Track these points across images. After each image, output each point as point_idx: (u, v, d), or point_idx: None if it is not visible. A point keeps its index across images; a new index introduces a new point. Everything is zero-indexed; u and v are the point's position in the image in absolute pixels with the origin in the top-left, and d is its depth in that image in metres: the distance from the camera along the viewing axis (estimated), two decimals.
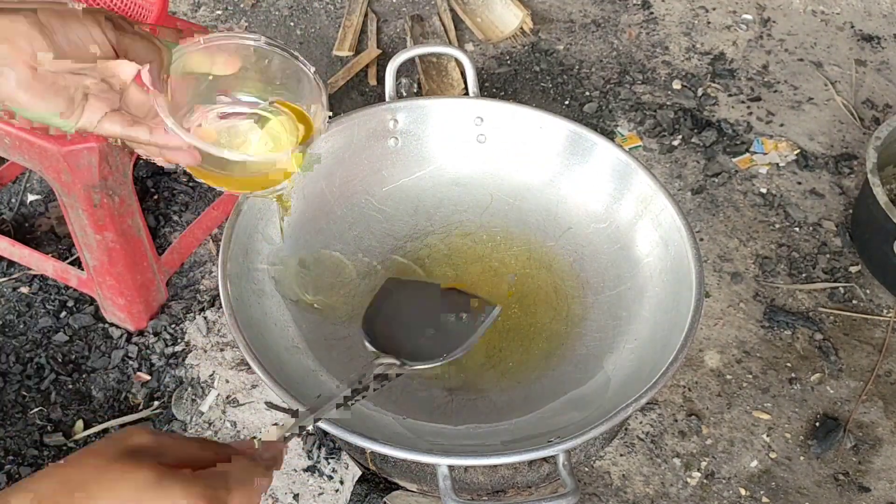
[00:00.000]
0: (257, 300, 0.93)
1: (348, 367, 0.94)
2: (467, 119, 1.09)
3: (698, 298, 0.89)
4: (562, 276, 1.04)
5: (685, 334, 0.86)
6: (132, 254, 1.39)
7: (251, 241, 0.95)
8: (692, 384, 1.48)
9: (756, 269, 1.65)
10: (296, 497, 1.33)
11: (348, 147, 1.05)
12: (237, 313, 0.85)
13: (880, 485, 1.37)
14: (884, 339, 1.55)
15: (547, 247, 1.06)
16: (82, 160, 1.24)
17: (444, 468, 0.77)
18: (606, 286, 1.02)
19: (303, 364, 0.92)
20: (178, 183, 1.72)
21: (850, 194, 1.80)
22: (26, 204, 1.69)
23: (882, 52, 2.12)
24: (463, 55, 1.11)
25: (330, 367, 0.92)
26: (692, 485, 1.36)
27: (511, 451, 0.78)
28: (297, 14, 2.16)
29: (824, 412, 1.45)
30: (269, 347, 0.88)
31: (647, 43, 2.12)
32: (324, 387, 0.90)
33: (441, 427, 0.90)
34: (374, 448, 0.77)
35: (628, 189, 1.03)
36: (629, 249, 1.03)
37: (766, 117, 1.95)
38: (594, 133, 1.06)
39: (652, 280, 0.99)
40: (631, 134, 1.89)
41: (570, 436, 0.79)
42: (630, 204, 1.03)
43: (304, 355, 0.93)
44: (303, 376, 0.90)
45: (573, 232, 1.07)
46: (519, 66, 2.04)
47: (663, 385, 0.83)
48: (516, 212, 1.09)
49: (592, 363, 0.96)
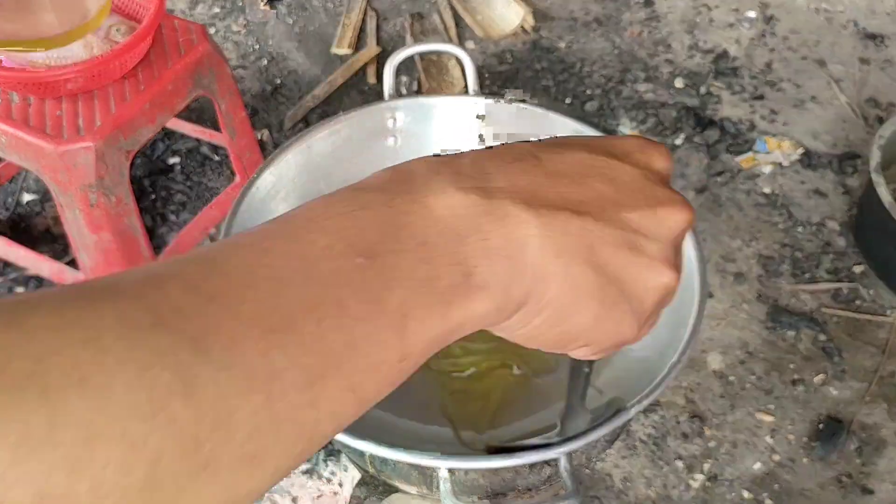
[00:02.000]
0: None
1: None
2: (468, 117, 1.08)
3: (701, 297, 0.88)
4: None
5: (689, 333, 0.85)
6: (129, 254, 1.38)
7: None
8: (695, 386, 1.47)
9: (759, 269, 1.64)
10: (294, 500, 1.32)
11: (347, 147, 1.04)
12: None
13: (884, 487, 1.36)
14: (888, 339, 1.54)
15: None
16: (79, 159, 1.23)
17: (443, 471, 0.77)
18: None
19: None
20: (176, 183, 1.71)
21: (853, 194, 1.78)
22: (22, 204, 1.68)
23: (886, 50, 2.11)
24: (463, 53, 1.10)
25: None
26: (695, 487, 1.35)
27: (512, 455, 0.77)
28: (295, 11, 2.15)
29: (828, 414, 1.44)
30: None
31: (649, 41, 2.11)
32: None
33: (440, 429, 0.89)
34: (373, 451, 0.77)
35: None
36: None
37: (770, 116, 1.94)
38: (596, 131, 1.05)
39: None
40: (633, 132, 1.88)
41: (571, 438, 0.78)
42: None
43: None
44: None
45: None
46: (520, 65, 2.03)
47: (667, 385, 0.81)
48: None
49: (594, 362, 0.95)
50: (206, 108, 1.88)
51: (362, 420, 0.85)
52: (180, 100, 1.36)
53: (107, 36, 1.25)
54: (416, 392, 0.91)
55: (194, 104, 1.88)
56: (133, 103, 1.28)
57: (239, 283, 0.28)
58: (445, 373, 0.97)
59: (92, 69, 1.23)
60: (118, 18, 1.28)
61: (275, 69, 2.00)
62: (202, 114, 1.87)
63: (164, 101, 1.32)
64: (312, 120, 1.86)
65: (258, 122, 1.87)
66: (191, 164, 1.75)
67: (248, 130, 1.57)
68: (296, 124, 1.84)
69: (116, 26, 1.26)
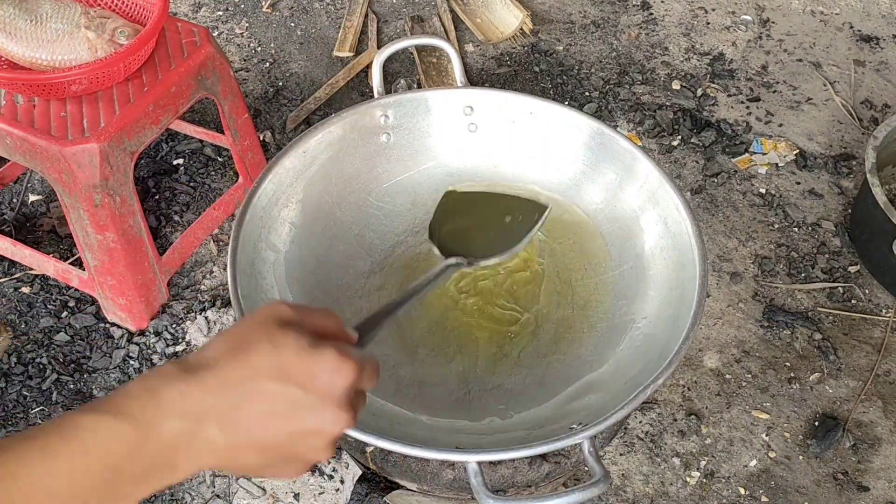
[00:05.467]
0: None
1: None
2: (457, 109, 1.09)
3: (703, 274, 0.89)
4: (563, 261, 1.04)
5: (694, 310, 0.85)
6: (133, 254, 1.39)
7: (256, 251, 0.95)
8: (691, 384, 1.48)
9: (755, 269, 1.66)
10: (296, 496, 1.33)
11: (343, 147, 1.05)
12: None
13: (879, 484, 1.37)
14: (883, 338, 1.56)
15: (546, 232, 1.06)
16: (84, 160, 1.24)
17: (473, 465, 0.76)
18: (609, 267, 1.02)
19: None
20: (179, 183, 1.73)
21: (848, 194, 1.80)
22: (27, 204, 1.69)
23: (881, 52, 2.13)
24: (447, 45, 1.10)
25: None
26: (691, 484, 1.36)
27: (537, 443, 0.77)
28: (297, 15, 2.17)
29: (823, 412, 1.45)
30: None
31: (646, 43, 2.13)
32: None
33: (461, 423, 0.89)
34: (402, 450, 0.76)
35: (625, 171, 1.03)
36: (627, 229, 1.03)
37: (766, 117, 1.96)
38: (590, 117, 1.07)
39: (654, 259, 0.99)
40: (631, 134, 1.90)
41: (592, 422, 0.78)
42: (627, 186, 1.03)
43: None
44: None
45: (570, 216, 1.07)
46: (519, 67, 2.05)
47: (678, 364, 0.81)
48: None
49: (602, 346, 0.96)
50: (209, 110, 1.89)
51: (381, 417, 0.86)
52: (184, 101, 1.37)
53: (111, 38, 1.26)
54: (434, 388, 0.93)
55: (198, 106, 1.90)
56: (137, 105, 1.29)
57: (28, 493, 0.46)
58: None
59: (96, 71, 1.24)
60: (122, 21, 1.29)
61: (277, 71, 2.01)
62: (205, 115, 1.89)
63: (167, 102, 1.34)
64: (314, 121, 1.88)
65: (261, 124, 1.88)
66: (194, 165, 1.77)
67: (250, 132, 1.59)
68: (298, 126, 1.86)
69: (121, 29, 1.27)
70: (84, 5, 1.32)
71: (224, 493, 1.33)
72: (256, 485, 1.34)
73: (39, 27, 1.26)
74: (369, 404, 0.90)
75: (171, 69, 1.34)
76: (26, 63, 1.27)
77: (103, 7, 1.37)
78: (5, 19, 1.26)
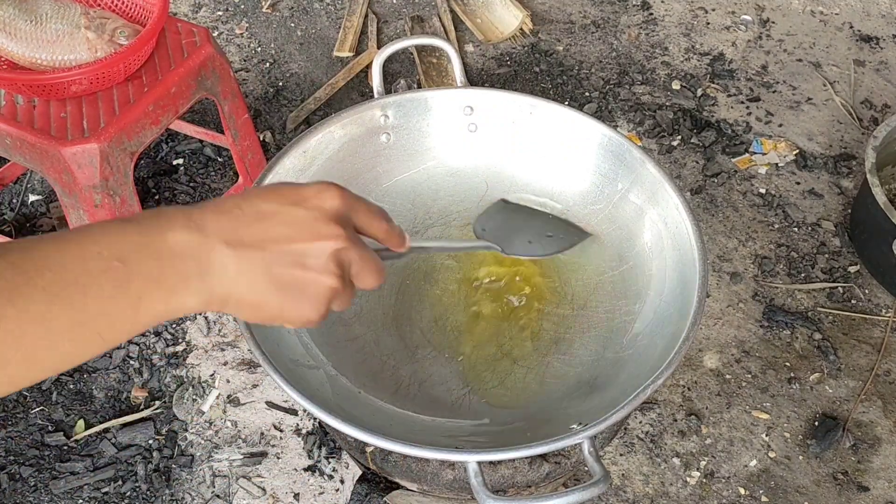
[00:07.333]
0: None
1: (361, 367, 0.94)
2: (457, 109, 1.09)
3: (703, 274, 0.88)
4: (564, 261, 1.04)
5: (693, 310, 0.85)
6: None
7: None
8: (691, 384, 1.48)
9: (755, 269, 1.66)
10: (296, 496, 1.33)
11: (343, 147, 1.05)
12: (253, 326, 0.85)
13: (879, 484, 1.37)
14: (882, 338, 1.56)
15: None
16: (83, 160, 1.24)
17: (473, 465, 0.75)
18: (609, 267, 1.02)
19: (314, 364, 0.92)
20: (179, 183, 1.73)
21: (848, 194, 1.80)
22: (27, 204, 1.69)
23: (881, 52, 2.13)
24: (447, 45, 1.10)
25: (341, 368, 0.92)
26: (692, 484, 1.36)
27: (537, 443, 0.76)
28: (297, 15, 2.17)
29: (823, 412, 1.45)
30: (281, 352, 0.88)
31: (646, 44, 2.13)
32: (336, 383, 0.90)
33: (461, 423, 0.89)
34: (402, 450, 0.76)
35: (624, 170, 1.03)
36: (627, 229, 1.03)
37: (766, 117, 1.96)
38: (590, 117, 1.07)
39: (654, 259, 0.99)
40: (631, 134, 1.90)
41: (592, 422, 0.78)
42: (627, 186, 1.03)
43: (314, 355, 0.92)
44: (314, 377, 0.90)
45: (570, 214, 1.07)
46: (519, 67, 2.05)
47: (678, 364, 0.81)
48: (512, 198, 1.09)
49: (602, 346, 0.96)
50: (209, 110, 1.89)
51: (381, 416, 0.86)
52: (184, 102, 1.37)
53: (111, 39, 1.26)
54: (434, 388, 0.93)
55: (198, 106, 1.90)
56: (137, 105, 1.29)
57: (41, 265, 0.48)
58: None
59: (96, 72, 1.24)
60: (122, 22, 1.29)
61: (277, 72, 2.01)
62: (205, 116, 1.89)
63: (167, 103, 1.34)
64: (314, 121, 1.88)
65: (261, 124, 1.88)
66: (194, 166, 1.77)
67: (250, 132, 1.59)
68: (298, 126, 1.86)
69: (121, 29, 1.27)
70: (84, 6, 1.32)
71: (224, 493, 1.33)
72: (256, 485, 1.34)
73: (39, 27, 1.26)
74: (370, 404, 0.90)
75: (171, 69, 1.34)
76: (26, 63, 1.27)
77: (103, 7, 1.37)
78: (5, 20, 1.26)
